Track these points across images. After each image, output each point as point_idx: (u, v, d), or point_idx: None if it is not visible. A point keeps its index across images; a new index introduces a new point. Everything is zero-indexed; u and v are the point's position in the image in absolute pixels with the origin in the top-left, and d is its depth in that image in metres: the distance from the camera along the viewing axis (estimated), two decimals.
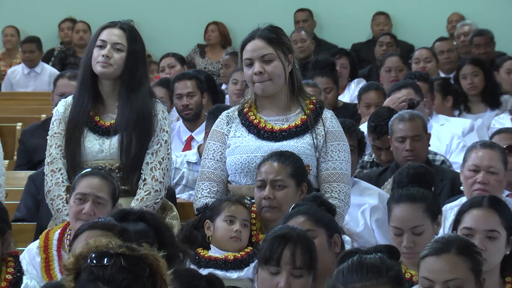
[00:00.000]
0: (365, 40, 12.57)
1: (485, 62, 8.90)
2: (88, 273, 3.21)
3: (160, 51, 10.71)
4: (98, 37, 5.11)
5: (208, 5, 12.73)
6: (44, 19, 12.82)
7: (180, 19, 12.78)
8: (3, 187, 5.25)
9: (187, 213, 5.65)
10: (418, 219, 4.40)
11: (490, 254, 4.11)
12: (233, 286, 4.59)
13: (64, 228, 4.79)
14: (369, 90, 7.70)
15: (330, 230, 4.17)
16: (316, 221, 4.12)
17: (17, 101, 10.17)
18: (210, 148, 5.10)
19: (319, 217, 4.16)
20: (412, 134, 6.01)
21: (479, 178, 5.03)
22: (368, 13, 12.59)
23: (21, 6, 13.02)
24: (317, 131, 4.99)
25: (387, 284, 3.16)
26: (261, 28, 5.00)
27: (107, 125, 5.14)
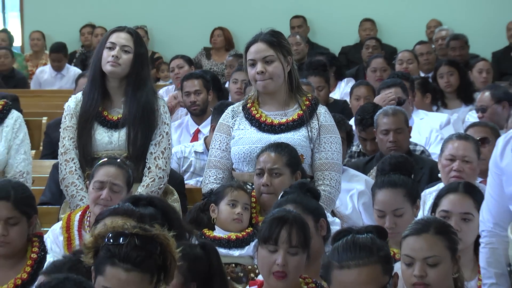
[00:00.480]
0: (353, 43, 12.55)
1: (460, 63, 8.90)
2: (105, 251, 3.21)
3: (170, 53, 10.68)
4: (108, 39, 5.09)
5: (213, 12, 12.71)
6: (67, 25, 12.82)
7: (188, 25, 12.77)
8: (30, 174, 5.24)
9: (195, 197, 5.65)
10: (399, 202, 4.41)
11: (465, 234, 4.11)
12: (235, 262, 4.61)
13: (84, 211, 4.78)
14: (360, 85, 7.77)
15: (316, 216, 4.15)
16: (303, 209, 4.10)
17: (43, 98, 10.15)
18: (217, 139, 5.10)
19: (306, 205, 4.15)
20: (395, 127, 6.02)
21: (455, 167, 5.02)
22: (355, 19, 12.56)
23: (46, 13, 13.02)
24: (312, 125, 4.99)
25: (377, 263, 3.16)
26: (264, 32, 4.99)
27: (114, 119, 5.12)
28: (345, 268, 3.14)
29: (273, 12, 12.21)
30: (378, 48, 10.84)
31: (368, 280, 3.12)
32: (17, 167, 5.13)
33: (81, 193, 5.01)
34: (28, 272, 4.16)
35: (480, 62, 9.14)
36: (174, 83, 9.30)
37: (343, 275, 3.14)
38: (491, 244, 3.84)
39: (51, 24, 12.86)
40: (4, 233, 4.13)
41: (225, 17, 12.58)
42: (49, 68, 11.54)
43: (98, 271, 3.21)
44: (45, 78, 11.46)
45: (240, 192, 4.74)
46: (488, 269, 3.84)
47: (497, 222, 3.82)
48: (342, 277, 3.14)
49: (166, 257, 3.25)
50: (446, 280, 3.55)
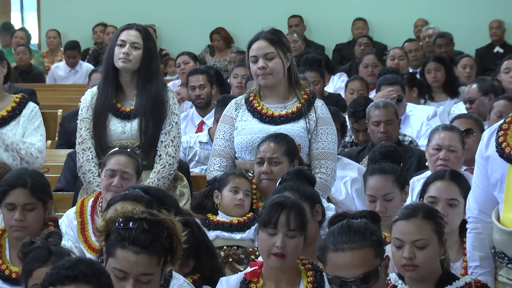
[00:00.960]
0: (346, 41, 12.54)
1: (446, 59, 8.87)
2: (116, 235, 3.21)
3: (176, 50, 10.68)
4: (118, 37, 5.09)
5: (216, 12, 12.70)
6: (81, 23, 12.82)
7: (192, 24, 12.77)
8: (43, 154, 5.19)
9: (199, 184, 5.64)
10: (388, 188, 4.41)
11: (451, 218, 4.11)
12: (237, 245, 4.60)
13: (96, 197, 4.78)
14: (355, 80, 7.80)
15: (312, 202, 4.15)
16: (300, 195, 4.09)
17: (58, 91, 10.16)
18: (221, 130, 5.10)
19: (303, 192, 4.14)
20: (385, 119, 6.02)
21: (441, 156, 5.01)
22: (349, 19, 12.55)
23: (61, 13, 13.02)
24: (310, 117, 4.99)
25: (370, 247, 3.15)
26: (265, 30, 5.00)
27: (127, 110, 5.11)
28: (339, 251, 3.13)
29: (272, 12, 12.19)
30: (370, 46, 10.84)
31: (361, 263, 3.11)
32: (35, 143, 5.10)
33: (98, 179, 4.99)
34: None
35: (464, 58, 9.14)
36: (180, 78, 9.30)
37: (338, 257, 3.13)
38: (476, 229, 3.83)
39: (66, 23, 12.86)
40: (22, 218, 4.13)
41: (227, 16, 12.58)
42: (64, 64, 11.54)
43: (109, 253, 3.21)
44: (60, 73, 11.46)
45: (241, 179, 4.74)
46: (473, 253, 3.83)
47: (482, 209, 3.80)
48: (336, 259, 3.13)
49: (173, 240, 3.24)
50: (433, 261, 3.53)
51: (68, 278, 2.85)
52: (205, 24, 12.49)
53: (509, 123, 3.71)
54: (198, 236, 3.92)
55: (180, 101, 8.04)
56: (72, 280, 2.85)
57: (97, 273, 2.91)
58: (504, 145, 3.66)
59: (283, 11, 12.45)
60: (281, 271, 3.68)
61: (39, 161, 5.14)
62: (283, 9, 12.49)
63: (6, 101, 5.23)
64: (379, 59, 8.97)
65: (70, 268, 2.88)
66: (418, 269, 3.50)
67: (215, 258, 4.02)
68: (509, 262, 3.69)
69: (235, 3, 12.79)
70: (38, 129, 5.20)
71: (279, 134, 4.82)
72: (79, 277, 2.86)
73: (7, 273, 4.14)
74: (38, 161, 5.13)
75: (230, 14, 12.62)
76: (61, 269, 2.89)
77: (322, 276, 3.62)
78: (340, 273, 3.12)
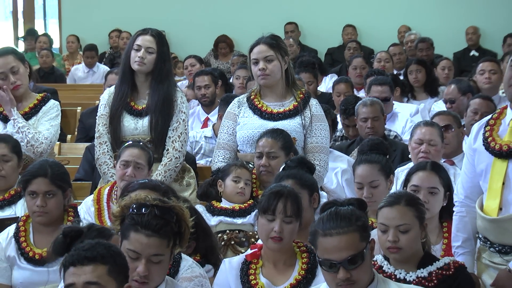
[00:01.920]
0: (337, 45, 12.51)
1: (427, 62, 8.86)
2: (130, 219, 3.21)
3: (184, 54, 10.65)
4: (135, 41, 5.06)
5: (220, 19, 12.67)
6: (98, 29, 12.78)
7: (199, 29, 12.74)
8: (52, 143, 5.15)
9: (204, 174, 5.64)
10: (374, 175, 4.40)
11: (432, 205, 4.11)
12: (239, 229, 4.60)
13: (112, 186, 4.77)
14: (340, 83, 7.72)
15: (311, 190, 4.15)
16: (301, 184, 4.10)
17: (78, 91, 10.16)
18: (225, 125, 5.09)
19: (304, 181, 4.14)
20: (372, 115, 6.01)
21: (422, 149, 5.01)
22: (339, 25, 12.52)
23: (80, 20, 12.98)
24: (305, 114, 4.98)
25: (355, 232, 3.14)
26: (265, 36, 4.99)
27: (140, 108, 5.09)
28: (328, 236, 3.12)
29: (270, 19, 12.15)
30: (358, 49, 10.82)
31: (347, 246, 3.10)
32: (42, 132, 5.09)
33: (112, 170, 4.98)
34: None
35: (443, 60, 9.14)
36: (187, 79, 9.28)
37: (326, 241, 3.12)
38: (461, 213, 3.85)
39: (84, 29, 12.83)
40: (43, 205, 4.13)
41: (230, 23, 12.55)
42: (83, 66, 11.51)
43: (124, 236, 3.21)
44: (79, 74, 11.45)
45: (242, 170, 4.74)
46: (457, 234, 3.84)
47: (468, 195, 3.82)
48: (325, 244, 3.13)
49: (181, 225, 3.24)
50: (415, 244, 3.54)
51: (87, 258, 2.85)
52: (209, 30, 12.48)
53: (495, 119, 3.72)
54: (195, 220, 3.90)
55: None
56: (91, 260, 2.85)
57: (114, 254, 2.91)
58: (490, 139, 3.67)
59: (280, 18, 12.43)
60: (279, 252, 3.68)
61: (43, 147, 5.08)
62: (280, 16, 12.46)
63: (30, 99, 5.25)
64: (367, 62, 8.96)
65: (89, 250, 2.88)
66: (401, 251, 3.51)
67: (210, 239, 4.00)
68: (491, 246, 3.69)
69: (237, 11, 12.76)
70: (50, 120, 5.18)
71: (276, 129, 4.81)
72: (97, 258, 2.85)
73: (31, 254, 4.14)
74: (42, 146, 5.07)
75: (232, 21, 12.59)
76: (81, 251, 2.89)
77: (315, 257, 3.59)
78: (329, 256, 3.11)
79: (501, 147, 3.59)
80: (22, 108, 5.18)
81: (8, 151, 4.73)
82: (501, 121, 3.69)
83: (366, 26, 12.64)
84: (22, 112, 5.15)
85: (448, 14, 12.50)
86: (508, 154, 3.57)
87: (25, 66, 5.18)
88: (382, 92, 6.94)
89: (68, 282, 2.85)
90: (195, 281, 3.54)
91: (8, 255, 4.15)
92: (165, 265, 3.22)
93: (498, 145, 3.60)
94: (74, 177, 5.78)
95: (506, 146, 3.58)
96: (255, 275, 3.66)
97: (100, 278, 2.83)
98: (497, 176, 3.60)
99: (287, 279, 3.65)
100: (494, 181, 3.61)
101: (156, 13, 12.64)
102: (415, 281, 3.49)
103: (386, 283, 3.23)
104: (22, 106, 5.19)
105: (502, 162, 3.59)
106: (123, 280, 2.91)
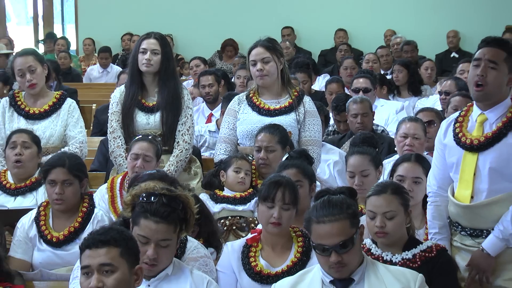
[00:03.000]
0: (329, 48, 12.49)
1: (411, 63, 8.84)
2: (140, 207, 3.20)
3: (190, 55, 10.61)
4: (140, 45, 5.06)
5: (223, 23, 12.63)
6: (111, 33, 12.76)
7: (204, 33, 12.71)
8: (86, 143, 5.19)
9: (208, 165, 5.63)
10: (365, 165, 4.40)
11: (416, 194, 4.10)
12: (240, 215, 4.59)
13: (124, 176, 4.77)
14: (332, 82, 7.69)
15: (311, 181, 4.15)
16: (303, 174, 4.10)
17: (93, 89, 10.14)
18: (226, 121, 5.10)
19: (306, 171, 4.14)
20: (362, 112, 5.99)
21: (407, 142, 4.99)
22: (331, 29, 12.50)
23: (95, 24, 12.96)
24: (299, 111, 4.98)
25: (346, 219, 3.14)
26: (262, 39, 5.00)
27: (150, 105, 5.08)
28: (321, 223, 3.12)
29: (269, 23, 12.12)
30: (349, 51, 10.80)
31: (338, 232, 3.09)
32: (77, 136, 5.12)
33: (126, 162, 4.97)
34: (79, 222, 4.17)
35: (426, 62, 9.13)
36: (192, 78, 9.27)
37: (320, 228, 3.12)
38: (435, 202, 3.83)
39: (99, 33, 12.81)
40: (61, 192, 4.14)
41: (231, 27, 12.52)
42: (97, 67, 11.49)
43: (134, 223, 3.20)
44: (94, 74, 11.43)
45: (243, 161, 4.73)
46: (433, 222, 3.83)
47: (440, 185, 3.80)
48: (319, 230, 3.12)
49: (187, 212, 3.23)
50: (401, 229, 3.53)
51: (102, 242, 2.85)
52: (214, 33, 12.46)
53: (463, 116, 3.73)
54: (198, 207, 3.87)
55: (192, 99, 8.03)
56: (105, 243, 2.85)
57: (126, 238, 2.91)
58: (460, 135, 3.67)
59: (277, 22, 12.40)
60: (277, 237, 3.68)
61: (84, 150, 5.14)
62: (277, 21, 12.43)
63: (49, 97, 5.24)
64: (356, 63, 8.93)
65: (103, 234, 2.88)
66: (388, 236, 3.50)
67: (212, 224, 3.99)
68: (462, 230, 3.70)
69: (238, 16, 12.73)
70: (78, 121, 5.19)
71: (273, 125, 4.80)
72: (110, 241, 2.86)
73: (49, 237, 4.15)
74: (84, 150, 5.13)
75: (234, 25, 12.56)
76: (96, 235, 2.89)
77: (310, 241, 3.58)
78: (322, 241, 3.11)
79: (472, 141, 3.60)
80: (42, 106, 5.17)
81: (29, 139, 4.77)
82: (468, 117, 3.70)
83: (356, 30, 12.63)
84: (42, 109, 5.15)
85: (431, 19, 12.50)
86: (478, 147, 3.58)
87: (43, 68, 5.17)
88: (362, 83, 6.96)
89: (84, 264, 2.86)
90: (200, 261, 3.54)
91: (30, 236, 4.17)
92: (173, 248, 3.22)
93: (469, 140, 3.60)
94: (90, 168, 5.77)
95: (476, 140, 3.59)
96: (255, 257, 3.66)
97: (113, 260, 2.83)
98: (468, 168, 3.61)
99: (284, 261, 3.65)
100: (466, 172, 3.62)
101: (164, 18, 12.61)
102: (400, 262, 3.49)
103: (374, 265, 3.23)
104: (41, 103, 5.19)
105: (472, 155, 3.60)
106: (134, 262, 2.91)
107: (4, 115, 5.16)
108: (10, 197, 4.70)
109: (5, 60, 9.12)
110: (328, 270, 3.14)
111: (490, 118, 3.61)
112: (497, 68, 3.52)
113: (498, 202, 3.56)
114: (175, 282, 3.21)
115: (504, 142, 3.54)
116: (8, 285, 3.33)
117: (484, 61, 3.53)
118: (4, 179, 4.78)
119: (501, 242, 3.56)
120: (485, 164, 3.56)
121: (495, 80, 3.53)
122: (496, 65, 3.52)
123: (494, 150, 3.55)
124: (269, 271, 3.62)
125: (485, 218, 3.60)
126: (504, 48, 3.55)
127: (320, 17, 12.69)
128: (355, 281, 3.15)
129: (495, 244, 3.56)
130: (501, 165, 3.53)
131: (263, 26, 11.03)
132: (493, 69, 3.52)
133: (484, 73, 3.52)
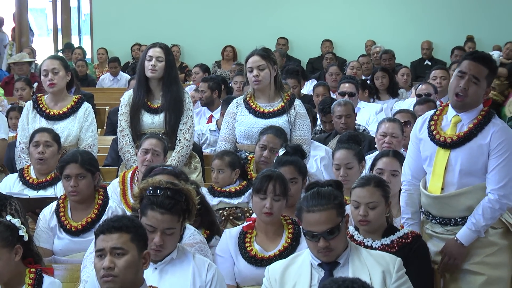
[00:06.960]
0: (317, 56, 12.49)
1: (389, 70, 8.83)
2: (147, 199, 3.18)
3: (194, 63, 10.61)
4: (147, 53, 5.08)
5: (224, 34, 12.61)
6: (122, 43, 12.75)
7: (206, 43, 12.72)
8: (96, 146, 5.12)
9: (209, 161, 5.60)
10: (350, 158, 4.39)
11: (393, 185, 4.07)
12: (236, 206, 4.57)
13: (134, 170, 4.75)
14: (319, 86, 7.70)
15: (304, 175, 4.14)
16: (298, 171, 4.08)
17: (106, 93, 10.13)
18: (226, 122, 5.11)
19: (300, 167, 4.12)
20: (345, 113, 5.97)
21: (386, 140, 4.98)
22: (319, 40, 12.51)
23: (108, 36, 12.96)
24: (291, 113, 4.99)
25: (333, 208, 3.12)
26: (258, 48, 5.00)
27: (155, 107, 5.08)
28: (311, 212, 3.10)
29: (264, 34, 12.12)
30: (334, 59, 10.78)
31: (326, 220, 3.08)
32: (87, 140, 5.06)
33: (134, 158, 4.97)
34: (96, 213, 4.14)
35: (402, 68, 9.10)
36: (194, 84, 9.28)
37: (310, 216, 3.10)
38: (409, 191, 3.82)
39: (112, 43, 12.80)
40: (75, 185, 4.11)
41: (232, 37, 12.51)
42: (108, 75, 11.46)
43: (142, 213, 3.19)
44: (105, 81, 11.43)
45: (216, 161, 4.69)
46: (406, 208, 3.82)
47: (414, 175, 3.80)
48: (309, 218, 3.10)
49: (189, 203, 3.22)
50: (381, 218, 3.52)
51: (114, 228, 2.84)
52: (216, 43, 12.46)
53: (438, 115, 3.72)
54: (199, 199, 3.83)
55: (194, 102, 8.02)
56: (117, 229, 2.83)
57: (136, 226, 2.90)
58: (435, 132, 3.66)
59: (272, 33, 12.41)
60: (269, 224, 3.66)
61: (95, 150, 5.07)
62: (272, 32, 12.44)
63: (68, 100, 5.19)
64: (341, 69, 8.91)
65: (117, 221, 2.87)
66: (370, 224, 3.49)
67: (211, 214, 3.95)
68: (432, 219, 3.70)
69: (237, 28, 12.73)
70: (91, 125, 5.10)
71: (279, 129, 4.81)
72: (122, 227, 2.84)
73: (68, 227, 4.12)
74: (94, 150, 5.06)
75: (233, 36, 12.55)
76: (109, 222, 2.88)
77: (299, 228, 3.60)
78: (311, 228, 3.09)
79: (445, 139, 3.60)
80: (61, 108, 5.13)
81: (50, 138, 4.72)
82: (443, 116, 3.69)
83: (341, 41, 12.64)
84: (61, 111, 5.09)
85: (406, 31, 12.55)
86: (451, 145, 3.58)
87: (66, 73, 5.10)
88: (348, 88, 6.95)
89: (98, 247, 2.85)
90: (196, 247, 3.52)
91: (51, 226, 4.15)
92: (177, 236, 3.20)
93: (443, 137, 3.60)
94: (103, 163, 5.76)
95: (449, 138, 3.59)
96: (250, 243, 3.65)
97: (124, 244, 2.82)
98: (440, 162, 3.60)
99: (276, 246, 3.64)
100: (438, 166, 3.62)
101: (170, 29, 12.61)
102: (380, 247, 3.47)
103: (358, 250, 3.21)
104: (61, 106, 5.13)
105: (445, 151, 3.60)
106: (142, 247, 2.90)
107: (28, 117, 5.13)
108: (32, 191, 4.68)
109: (28, 67, 9.12)
110: (316, 254, 3.13)
111: (464, 119, 3.62)
112: (478, 84, 3.53)
113: (465, 194, 3.57)
114: (179, 265, 3.20)
115: (475, 141, 3.55)
116: (39, 267, 3.31)
117: (469, 75, 3.53)
118: (27, 175, 4.75)
119: (474, 234, 3.57)
120: (456, 160, 3.57)
121: (475, 94, 3.54)
122: (478, 81, 3.53)
123: (465, 148, 3.55)
124: (263, 255, 3.60)
125: (453, 208, 3.60)
126: (488, 66, 3.55)
127: (309, 29, 12.71)
128: (340, 264, 3.13)
129: (468, 235, 3.57)
130: (471, 162, 3.55)
131: (258, 36, 11.01)
132: (475, 84, 3.53)
133: (466, 87, 3.53)
